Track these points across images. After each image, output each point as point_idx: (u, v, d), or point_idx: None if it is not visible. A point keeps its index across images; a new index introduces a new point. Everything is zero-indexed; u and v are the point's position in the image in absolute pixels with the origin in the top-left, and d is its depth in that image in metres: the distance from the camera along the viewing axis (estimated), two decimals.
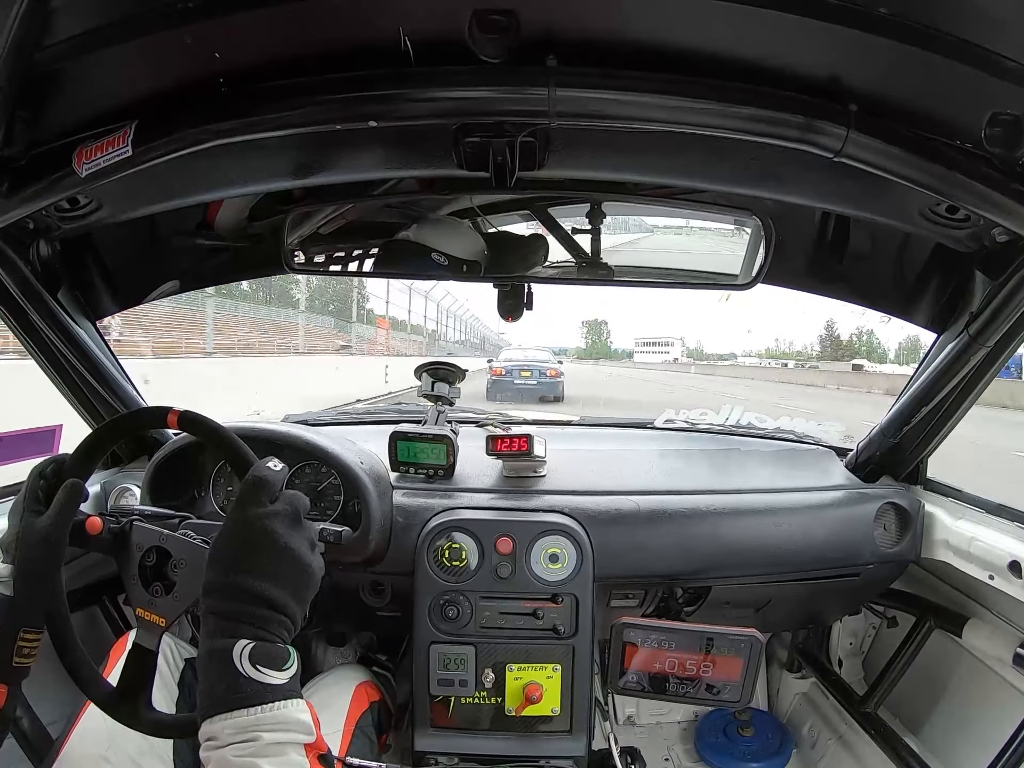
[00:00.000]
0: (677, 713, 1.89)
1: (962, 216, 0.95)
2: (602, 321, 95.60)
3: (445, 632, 1.23)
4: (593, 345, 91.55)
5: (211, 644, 0.65)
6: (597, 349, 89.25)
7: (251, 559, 0.67)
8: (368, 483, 1.24)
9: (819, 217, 1.25)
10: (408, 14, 0.71)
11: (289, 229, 1.17)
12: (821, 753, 1.65)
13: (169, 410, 0.81)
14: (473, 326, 33.94)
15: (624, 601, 1.39)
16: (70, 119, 0.83)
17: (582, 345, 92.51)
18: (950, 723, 1.41)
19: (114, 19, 0.70)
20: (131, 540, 0.83)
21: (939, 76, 0.72)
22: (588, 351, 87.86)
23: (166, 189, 1.04)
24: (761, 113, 0.76)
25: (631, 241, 1.25)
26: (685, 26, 0.72)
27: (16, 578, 0.78)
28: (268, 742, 0.61)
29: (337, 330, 17.37)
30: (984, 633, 1.27)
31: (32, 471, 0.83)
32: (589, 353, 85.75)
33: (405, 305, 20.34)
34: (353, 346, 17.29)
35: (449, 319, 26.25)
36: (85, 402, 1.35)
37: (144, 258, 1.32)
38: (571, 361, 43.38)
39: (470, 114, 0.82)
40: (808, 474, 1.52)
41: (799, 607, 1.53)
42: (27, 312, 1.14)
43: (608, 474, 1.44)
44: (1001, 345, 1.10)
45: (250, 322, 13.63)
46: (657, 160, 0.99)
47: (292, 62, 0.77)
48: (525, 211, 1.21)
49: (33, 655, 0.79)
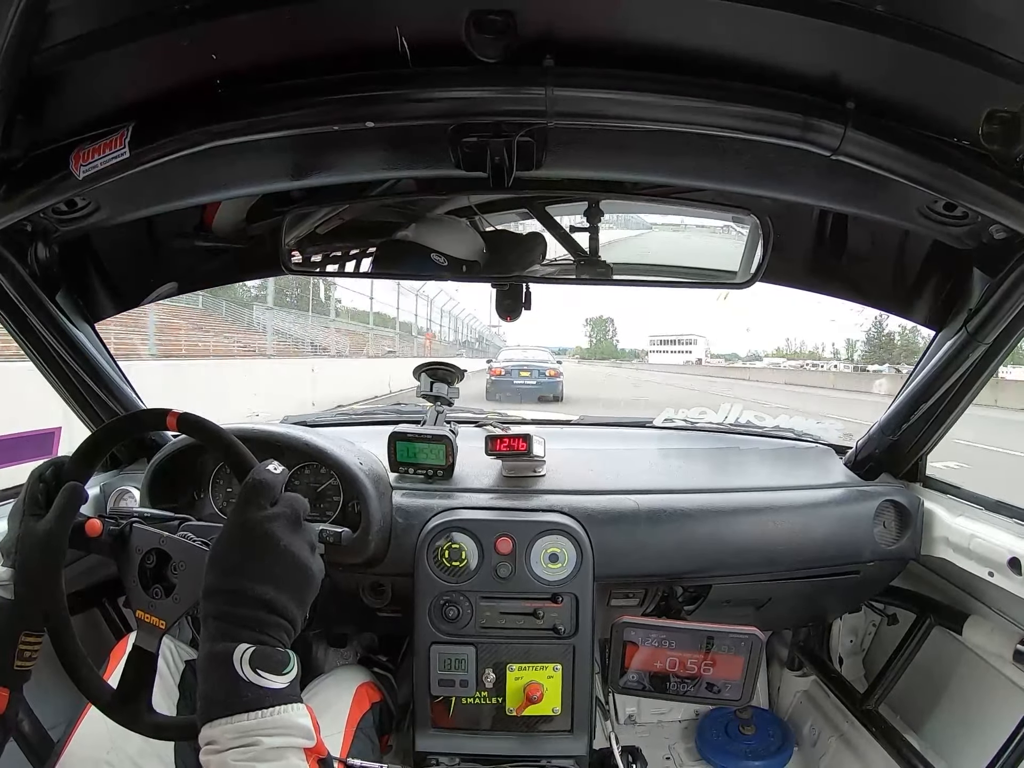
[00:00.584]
0: (678, 712, 1.89)
1: (960, 213, 0.95)
2: (607, 319, 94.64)
3: (445, 632, 1.22)
4: (598, 344, 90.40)
5: (211, 648, 0.65)
6: (602, 349, 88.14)
7: (252, 563, 0.67)
8: (367, 484, 1.24)
9: (817, 215, 1.26)
10: (405, 15, 0.71)
11: (287, 230, 1.16)
12: (822, 751, 1.65)
13: (168, 412, 0.81)
14: (469, 324, 33.28)
15: (624, 600, 1.39)
16: (68, 121, 0.83)
17: (584, 344, 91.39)
18: (951, 720, 1.41)
19: (112, 21, 0.70)
20: (131, 542, 0.83)
21: (936, 74, 0.72)
22: (592, 351, 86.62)
23: (164, 191, 1.04)
24: (759, 112, 0.77)
25: (629, 238, 1.25)
26: (683, 26, 0.72)
27: (16, 581, 0.78)
28: (268, 746, 0.61)
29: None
30: (984, 630, 1.28)
31: (32, 474, 0.83)
32: (593, 353, 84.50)
33: (389, 301, 19.88)
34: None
35: (441, 316, 25.63)
36: (84, 404, 1.35)
37: (142, 260, 1.32)
38: (575, 362, 41.27)
39: (468, 114, 0.82)
40: (807, 472, 1.52)
41: (799, 605, 1.54)
42: (25, 315, 1.14)
43: (607, 473, 1.44)
44: (999, 342, 1.10)
45: (207, 320, 12.66)
46: (655, 159, 0.99)
47: (290, 63, 0.77)
48: (523, 209, 1.21)
49: (34, 658, 0.79)
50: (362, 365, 16.34)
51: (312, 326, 16.25)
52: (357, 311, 19.80)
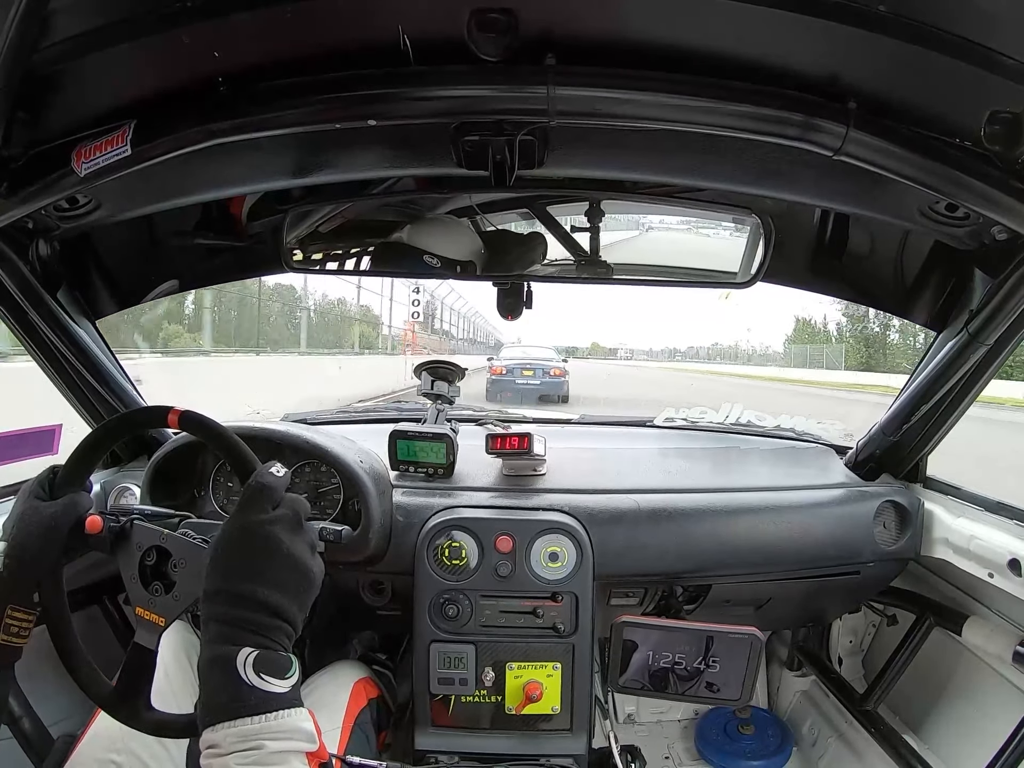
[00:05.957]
0: (677, 711, 1.89)
1: (961, 214, 0.95)
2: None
3: (445, 631, 1.23)
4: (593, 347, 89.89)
5: (213, 651, 0.65)
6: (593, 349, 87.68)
7: (254, 566, 0.67)
8: (368, 482, 1.24)
9: (819, 215, 1.25)
10: (407, 13, 0.71)
11: (288, 228, 1.16)
12: (821, 751, 1.65)
13: (170, 410, 0.81)
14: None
15: (624, 599, 1.39)
16: (69, 119, 0.83)
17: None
18: (950, 721, 1.41)
19: (113, 19, 0.70)
20: (131, 539, 0.83)
21: (938, 74, 0.72)
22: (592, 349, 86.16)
23: (165, 188, 1.04)
24: (760, 111, 0.76)
25: (630, 239, 1.25)
26: (684, 24, 0.72)
27: (8, 555, 0.78)
28: (271, 751, 0.61)
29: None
30: (984, 631, 1.27)
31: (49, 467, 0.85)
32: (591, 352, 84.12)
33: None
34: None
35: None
36: (85, 402, 1.35)
37: (143, 258, 1.32)
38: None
39: (469, 113, 0.82)
40: (808, 472, 1.52)
41: (799, 605, 1.54)
42: (27, 312, 1.14)
43: (608, 472, 1.44)
44: (1001, 343, 1.10)
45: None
46: (656, 159, 0.99)
47: (291, 61, 0.77)
48: (524, 209, 1.21)
49: (23, 636, 0.78)
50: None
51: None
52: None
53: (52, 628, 0.81)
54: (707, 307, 58.99)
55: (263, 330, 12.78)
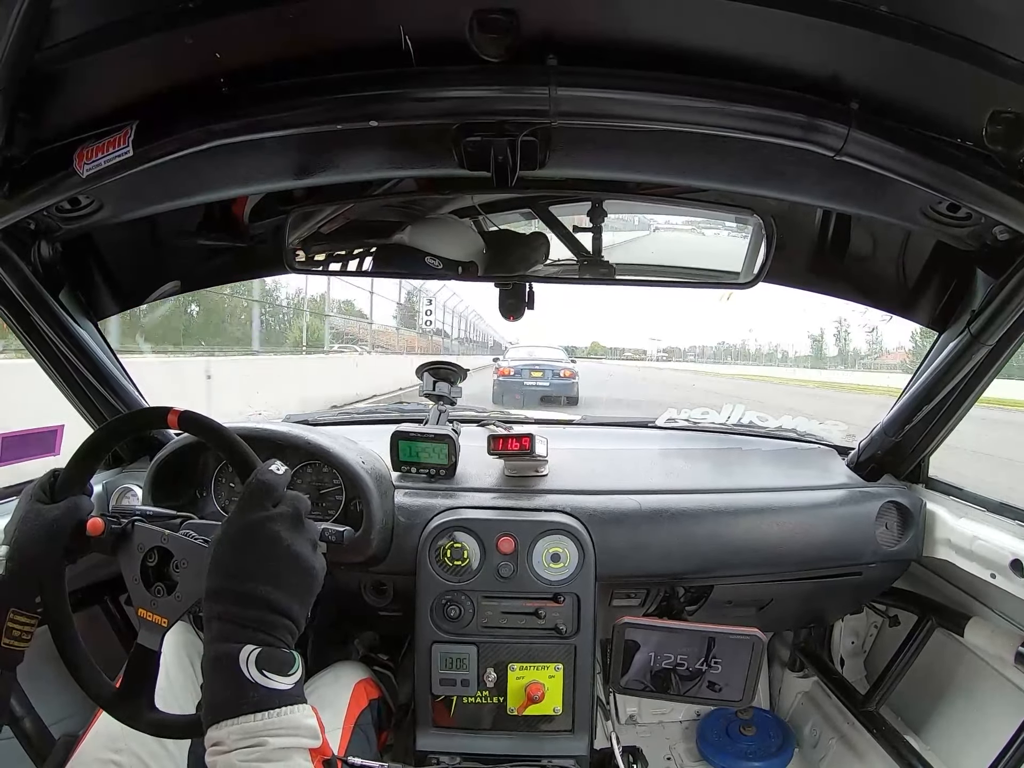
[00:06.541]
0: (679, 712, 1.89)
1: (963, 214, 0.95)
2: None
3: (447, 632, 1.23)
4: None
5: (216, 650, 0.65)
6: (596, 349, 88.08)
7: (256, 564, 0.67)
8: (370, 483, 1.24)
9: (820, 216, 1.25)
10: (409, 14, 0.71)
11: (290, 229, 1.16)
12: (823, 752, 1.64)
13: (169, 410, 0.81)
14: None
15: (626, 600, 1.40)
16: (71, 119, 0.83)
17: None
18: (952, 722, 1.41)
19: (115, 19, 0.70)
20: (133, 540, 0.83)
21: (940, 74, 0.72)
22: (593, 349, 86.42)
23: (167, 189, 1.04)
24: (762, 112, 0.76)
25: (632, 239, 1.25)
26: (686, 25, 0.72)
27: (10, 558, 0.78)
28: (275, 747, 0.61)
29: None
30: (986, 632, 1.27)
31: (50, 470, 0.85)
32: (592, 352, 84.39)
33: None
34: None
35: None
36: (87, 403, 1.35)
37: (145, 259, 1.32)
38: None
39: (471, 113, 0.82)
40: (810, 473, 1.52)
41: (801, 606, 1.54)
42: (29, 313, 1.15)
43: (609, 473, 1.44)
44: (1003, 344, 1.10)
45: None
46: (658, 159, 0.99)
47: (293, 62, 0.77)
48: (526, 209, 1.21)
49: (26, 639, 0.78)
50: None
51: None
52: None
53: (54, 629, 0.81)
54: (728, 307, 57.92)
55: (224, 328, 11.71)
